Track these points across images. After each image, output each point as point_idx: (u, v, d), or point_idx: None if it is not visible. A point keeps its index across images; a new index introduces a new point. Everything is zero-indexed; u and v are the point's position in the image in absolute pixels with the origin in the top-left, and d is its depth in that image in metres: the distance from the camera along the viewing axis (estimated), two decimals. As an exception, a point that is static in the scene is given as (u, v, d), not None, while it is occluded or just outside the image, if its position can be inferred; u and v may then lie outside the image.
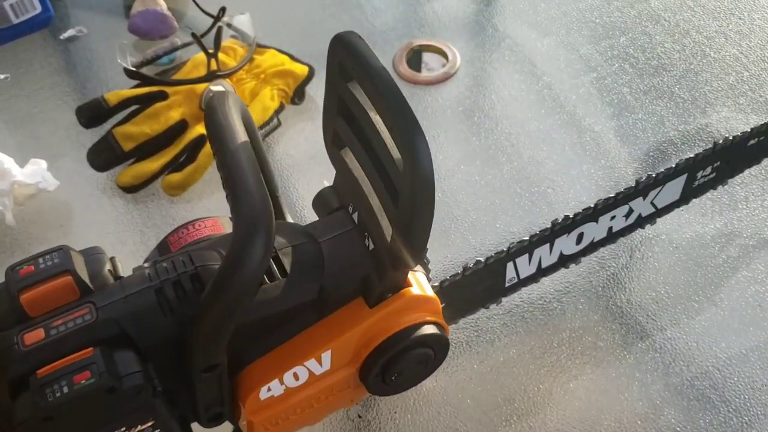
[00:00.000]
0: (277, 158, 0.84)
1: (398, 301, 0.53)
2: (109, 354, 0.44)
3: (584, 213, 0.64)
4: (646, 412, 0.64)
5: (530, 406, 0.65)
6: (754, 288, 0.71)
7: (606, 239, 0.68)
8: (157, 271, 0.49)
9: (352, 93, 0.49)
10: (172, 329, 0.47)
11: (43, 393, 0.42)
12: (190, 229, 0.56)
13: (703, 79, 0.90)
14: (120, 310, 0.46)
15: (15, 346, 0.44)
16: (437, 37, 0.96)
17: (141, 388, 0.44)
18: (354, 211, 0.53)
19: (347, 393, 0.57)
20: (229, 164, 0.44)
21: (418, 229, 0.46)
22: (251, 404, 0.51)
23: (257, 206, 0.42)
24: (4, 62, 0.93)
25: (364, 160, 0.50)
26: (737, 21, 0.97)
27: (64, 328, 0.45)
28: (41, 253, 0.48)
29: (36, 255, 0.47)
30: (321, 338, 0.52)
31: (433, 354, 0.56)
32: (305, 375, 0.53)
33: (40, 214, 0.79)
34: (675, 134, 0.85)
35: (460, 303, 0.63)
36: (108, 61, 0.91)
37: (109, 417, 0.45)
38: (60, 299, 0.46)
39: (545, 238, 0.64)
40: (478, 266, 0.62)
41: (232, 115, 0.47)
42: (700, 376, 0.66)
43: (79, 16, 0.98)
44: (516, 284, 0.66)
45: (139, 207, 0.79)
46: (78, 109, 0.82)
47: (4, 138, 0.86)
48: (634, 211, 0.68)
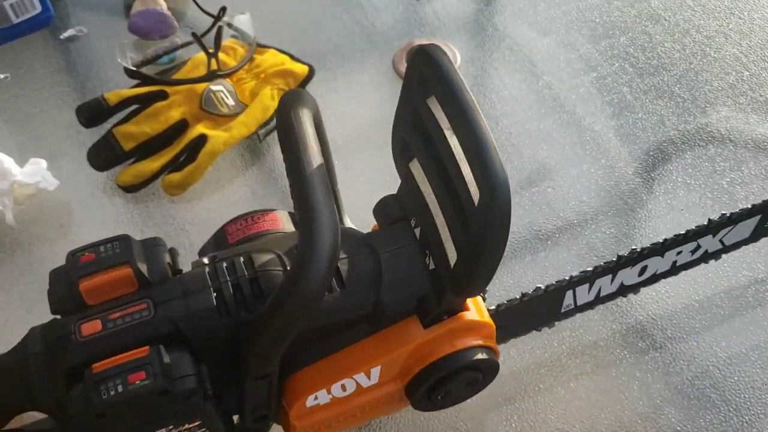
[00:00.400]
0: (277, 158, 0.84)
1: (454, 324, 0.52)
2: (164, 354, 0.44)
3: (652, 247, 0.63)
4: (647, 411, 0.64)
5: (531, 405, 0.65)
6: (754, 287, 0.71)
7: (668, 272, 0.67)
8: (217, 271, 0.48)
9: (429, 108, 0.48)
10: (227, 331, 0.46)
11: (98, 389, 0.42)
12: (249, 222, 0.56)
13: (704, 78, 0.90)
14: (177, 309, 0.46)
15: (72, 336, 0.44)
16: (437, 36, 0.96)
17: (193, 392, 0.44)
18: (417, 225, 0.52)
19: (391, 405, 0.57)
20: (299, 176, 0.43)
21: (485, 263, 0.45)
22: (297, 410, 0.51)
23: (325, 218, 0.41)
24: (4, 62, 0.93)
25: (434, 178, 0.49)
26: (737, 20, 0.97)
27: (121, 322, 0.45)
28: (103, 241, 0.48)
29: (98, 242, 0.48)
30: (372, 353, 0.52)
31: (482, 377, 0.55)
32: (353, 387, 0.52)
33: (40, 213, 0.79)
34: (675, 134, 0.85)
35: (513, 326, 0.63)
36: (108, 61, 0.91)
37: (159, 416, 0.45)
38: (118, 290, 0.46)
39: (609, 269, 0.63)
40: (538, 293, 0.61)
41: (304, 118, 0.46)
42: (701, 375, 0.66)
43: (79, 15, 0.98)
44: (572, 310, 0.65)
45: (139, 206, 0.79)
46: (78, 108, 0.82)
47: (4, 138, 0.86)
48: (701, 248, 0.67)
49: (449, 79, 0.44)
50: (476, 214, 0.43)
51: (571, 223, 0.77)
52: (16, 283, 0.74)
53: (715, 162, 0.82)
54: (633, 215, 0.77)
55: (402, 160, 0.54)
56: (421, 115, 0.49)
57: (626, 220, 0.77)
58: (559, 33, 0.96)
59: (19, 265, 0.75)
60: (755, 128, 0.85)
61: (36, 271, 0.75)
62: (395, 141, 0.54)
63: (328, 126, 0.57)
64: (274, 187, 0.81)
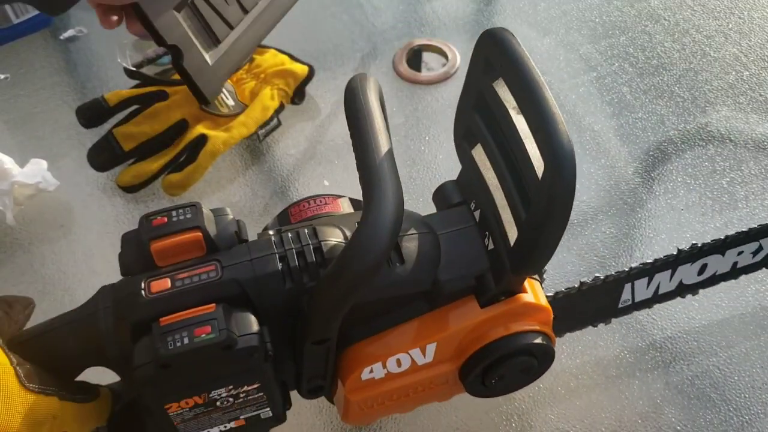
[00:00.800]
0: (277, 158, 0.84)
1: (511, 305, 0.52)
2: (230, 312, 0.45)
3: (712, 244, 0.63)
4: (647, 411, 0.64)
5: (531, 404, 0.65)
6: (754, 287, 0.71)
7: (728, 274, 0.66)
8: (282, 240, 0.49)
9: (495, 91, 0.48)
10: (289, 297, 0.48)
11: (164, 340, 0.43)
12: (311, 204, 0.57)
13: (703, 78, 0.90)
14: (244, 272, 0.47)
15: (142, 292, 0.46)
16: (437, 36, 0.96)
17: (255, 350, 0.45)
18: (476, 208, 0.53)
19: (444, 388, 0.57)
20: (366, 146, 0.44)
21: (546, 240, 0.45)
22: (352, 382, 0.52)
23: (391, 191, 0.43)
24: (5, 62, 0.93)
25: (497, 160, 0.50)
26: (737, 20, 0.97)
27: (189, 282, 0.46)
28: (174, 207, 0.49)
29: (170, 207, 0.49)
30: (429, 330, 0.52)
31: (537, 364, 0.55)
32: (408, 363, 0.53)
33: (40, 214, 0.79)
34: (675, 133, 0.85)
35: (570, 317, 0.62)
36: (108, 61, 0.91)
37: (221, 373, 0.46)
38: (187, 253, 0.48)
39: (668, 264, 0.62)
40: (596, 282, 0.60)
41: (371, 98, 0.47)
42: (701, 375, 0.66)
43: (79, 16, 0.98)
44: (629, 306, 0.64)
45: (139, 207, 0.79)
46: (78, 109, 0.82)
47: (5, 138, 0.86)
48: (763, 249, 0.66)
49: (518, 59, 0.45)
50: (540, 186, 0.43)
51: (571, 223, 0.76)
52: (17, 283, 0.74)
53: (715, 161, 0.82)
54: (633, 215, 0.77)
55: (464, 147, 0.54)
56: (487, 98, 0.49)
57: (626, 219, 0.77)
58: (559, 33, 0.96)
59: (19, 265, 0.75)
60: (755, 128, 0.85)
61: (36, 271, 0.75)
62: (458, 128, 0.55)
63: (328, 127, 0.57)
64: (274, 188, 0.81)
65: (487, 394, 0.57)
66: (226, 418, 0.50)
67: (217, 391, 0.47)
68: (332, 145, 0.85)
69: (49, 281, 0.74)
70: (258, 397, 0.49)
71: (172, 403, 0.46)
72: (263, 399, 0.49)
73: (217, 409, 0.48)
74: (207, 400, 0.47)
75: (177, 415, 0.47)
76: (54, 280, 0.74)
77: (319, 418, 0.65)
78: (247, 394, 0.48)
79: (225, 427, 0.51)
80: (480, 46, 0.49)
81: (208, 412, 0.48)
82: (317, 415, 0.65)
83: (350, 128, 0.47)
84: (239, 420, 0.51)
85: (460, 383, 0.56)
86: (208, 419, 0.49)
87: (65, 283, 0.74)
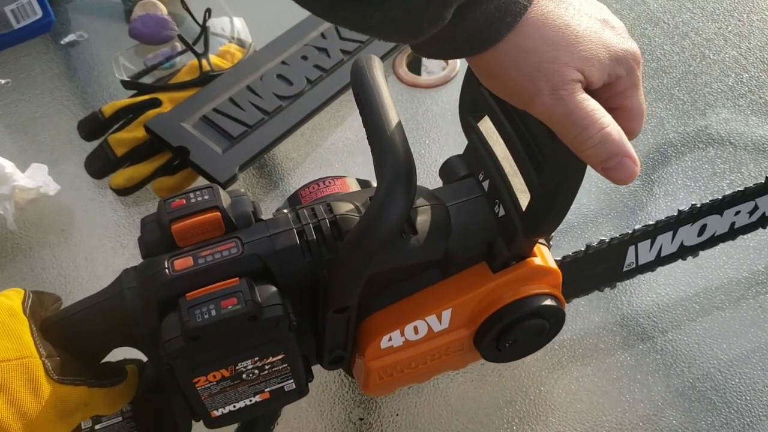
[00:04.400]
0: (278, 161, 0.84)
1: (522, 269, 0.54)
2: (253, 285, 0.46)
3: (711, 204, 0.65)
4: (648, 414, 0.64)
5: (532, 408, 0.65)
6: (755, 289, 0.71)
7: (727, 234, 0.68)
8: (299, 216, 0.51)
9: None
10: (309, 270, 0.49)
11: (192, 314, 0.44)
12: (321, 185, 0.59)
13: (703, 81, 0.90)
14: (264, 247, 0.48)
15: (166, 270, 0.47)
16: (437, 40, 0.96)
17: (279, 320, 0.46)
18: (485, 179, 0.54)
19: (459, 355, 0.58)
20: (376, 119, 0.46)
21: (562, 198, 0.47)
22: (372, 351, 0.53)
23: (402, 160, 0.44)
24: (6, 67, 0.94)
25: (505, 129, 0.51)
26: (736, 23, 0.97)
27: (212, 258, 0.47)
28: (192, 189, 0.51)
29: (188, 190, 0.51)
30: (444, 296, 0.53)
31: (548, 327, 0.57)
32: (425, 330, 0.54)
33: (41, 218, 0.79)
34: (675, 136, 0.85)
35: (577, 281, 0.64)
36: (108, 66, 0.91)
37: (247, 344, 0.47)
38: (207, 233, 0.49)
39: (669, 226, 0.64)
40: (601, 246, 0.62)
41: (378, 75, 0.49)
42: (702, 378, 0.66)
43: (79, 21, 0.99)
44: (633, 270, 0.66)
45: (140, 211, 0.80)
46: (78, 123, 0.83)
47: (5, 143, 0.87)
48: (759, 209, 0.68)
49: None
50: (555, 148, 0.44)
51: (572, 225, 0.77)
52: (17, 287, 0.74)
53: (715, 164, 0.82)
54: (633, 217, 0.77)
55: (470, 121, 0.56)
56: None
57: (626, 222, 0.77)
58: (559, 36, 0.96)
59: (20, 269, 0.75)
60: (755, 130, 0.85)
61: (37, 276, 0.75)
62: (463, 100, 0.56)
63: (328, 130, 0.57)
64: (273, 189, 0.81)
65: (501, 359, 0.59)
66: (251, 392, 0.51)
67: (243, 363, 0.48)
68: (332, 148, 0.85)
69: (50, 285, 0.74)
70: (282, 368, 0.50)
71: (200, 377, 0.47)
72: (287, 370, 0.51)
73: (243, 382, 0.49)
74: (234, 372, 0.48)
75: (204, 389, 0.48)
76: (55, 285, 0.74)
77: (320, 422, 0.65)
78: (272, 366, 0.49)
79: (250, 400, 0.52)
80: None
81: (234, 386, 0.49)
82: (318, 419, 0.65)
83: (359, 104, 0.48)
84: (264, 393, 0.52)
85: (474, 350, 0.57)
86: (234, 393, 0.50)
87: (66, 287, 0.74)
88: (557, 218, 0.48)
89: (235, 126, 0.80)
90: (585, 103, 0.40)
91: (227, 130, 0.80)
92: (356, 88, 0.49)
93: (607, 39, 0.41)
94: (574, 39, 0.39)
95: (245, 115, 0.81)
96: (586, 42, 0.40)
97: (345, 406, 0.65)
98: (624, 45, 0.41)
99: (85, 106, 0.89)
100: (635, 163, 0.41)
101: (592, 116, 0.40)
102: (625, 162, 0.41)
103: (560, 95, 0.39)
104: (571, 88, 0.39)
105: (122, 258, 0.76)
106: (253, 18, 0.95)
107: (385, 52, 0.91)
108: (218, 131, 0.80)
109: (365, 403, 0.65)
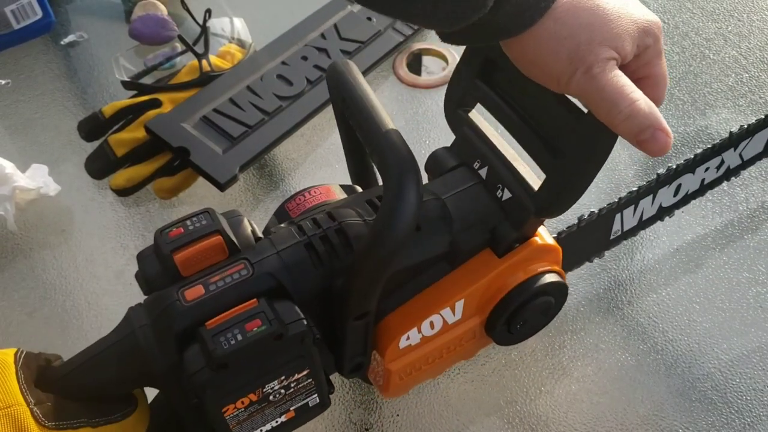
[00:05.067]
0: (278, 161, 0.84)
1: (526, 250, 0.55)
2: (271, 304, 0.45)
3: (685, 164, 0.68)
4: (648, 414, 0.64)
5: (532, 408, 0.65)
6: (755, 289, 0.71)
7: (697, 191, 0.72)
8: (302, 228, 0.50)
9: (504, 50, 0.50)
10: (321, 281, 0.49)
11: (217, 341, 0.43)
12: (307, 196, 0.58)
13: (703, 80, 0.90)
14: (274, 264, 0.48)
15: (177, 302, 0.46)
16: (437, 41, 0.96)
17: (304, 335, 0.46)
18: (482, 166, 0.55)
19: (471, 344, 0.59)
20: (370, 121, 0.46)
21: (584, 177, 0.48)
22: (391, 353, 0.54)
23: (405, 157, 0.44)
24: (6, 68, 0.94)
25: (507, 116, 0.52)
26: (736, 23, 0.97)
27: (223, 284, 0.47)
28: (187, 216, 0.49)
29: (183, 218, 0.49)
30: (455, 287, 0.54)
31: (554, 302, 0.58)
32: (440, 323, 0.55)
33: (41, 219, 0.79)
34: (675, 136, 0.84)
35: (571, 255, 0.64)
36: (109, 67, 0.91)
37: (274, 364, 0.47)
38: (210, 258, 0.48)
39: (650, 189, 0.67)
40: (592, 218, 0.64)
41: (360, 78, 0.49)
42: (702, 378, 0.66)
43: (79, 21, 0.99)
44: (618, 237, 0.68)
45: (140, 211, 0.80)
46: (78, 124, 0.83)
47: (6, 143, 0.87)
48: (724, 163, 0.71)
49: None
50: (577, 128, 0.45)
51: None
52: (18, 288, 0.74)
53: (715, 164, 0.82)
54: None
55: (459, 115, 0.57)
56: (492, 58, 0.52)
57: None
58: (559, 36, 0.96)
59: (20, 270, 0.75)
60: (755, 130, 0.85)
61: (37, 276, 0.75)
62: (451, 98, 0.57)
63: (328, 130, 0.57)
64: (275, 190, 0.81)
65: (514, 341, 0.60)
66: (277, 412, 0.50)
67: (270, 385, 0.48)
68: (332, 148, 0.85)
69: (50, 286, 0.74)
70: (307, 384, 0.50)
71: (228, 405, 0.47)
72: (311, 385, 0.50)
73: (270, 404, 0.49)
74: (261, 396, 0.48)
75: (233, 418, 0.48)
76: (55, 285, 0.74)
77: (321, 423, 0.65)
78: (297, 383, 0.49)
79: (276, 422, 0.51)
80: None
81: (261, 409, 0.49)
82: (319, 420, 0.65)
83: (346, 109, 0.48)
84: (289, 412, 0.51)
85: (485, 336, 0.58)
86: (261, 416, 0.50)
87: (66, 287, 0.74)
88: (575, 197, 0.49)
89: (235, 126, 0.80)
90: (615, 80, 0.41)
91: (227, 130, 0.80)
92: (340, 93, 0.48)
93: (633, 13, 0.42)
94: (605, 18, 0.41)
95: (245, 116, 0.81)
96: (616, 19, 0.41)
97: (345, 407, 0.65)
98: (648, 16, 0.43)
99: (86, 107, 0.89)
100: (668, 135, 0.42)
101: (622, 91, 0.41)
102: (657, 134, 0.42)
103: (594, 74, 0.41)
104: (604, 67, 0.41)
105: (122, 259, 0.76)
106: (253, 18, 0.95)
107: (384, 53, 0.91)
108: (218, 132, 0.80)
109: (366, 403, 0.65)
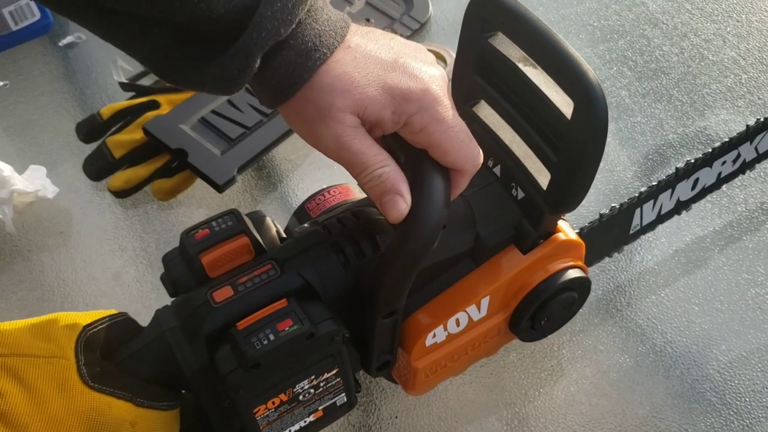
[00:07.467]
0: (276, 163, 0.84)
1: (550, 246, 0.55)
2: (301, 304, 0.46)
3: (703, 158, 0.68)
4: (647, 415, 0.64)
5: (531, 409, 0.65)
6: (754, 290, 0.71)
7: (714, 185, 0.72)
8: (327, 228, 0.50)
9: (494, 47, 0.49)
10: (348, 280, 0.49)
11: (249, 342, 0.43)
12: (326, 196, 0.59)
13: (702, 81, 0.90)
14: (302, 264, 0.48)
15: (207, 304, 0.46)
16: (435, 41, 0.96)
17: (334, 334, 0.46)
18: (495, 164, 0.55)
19: (495, 341, 0.59)
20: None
21: (584, 174, 0.47)
22: (418, 350, 0.54)
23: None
24: (4, 69, 0.93)
25: (509, 114, 0.51)
26: (735, 24, 0.97)
27: (251, 284, 0.47)
28: (213, 218, 0.50)
29: (208, 219, 0.50)
30: (481, 284, 0.54)
31: (578, 297, 0.59)
32: (465, 321, 0.55)
33: (39, 221, 0.79)
34: (674, 137, 0.85)
35: (592, 251, 0.64)
36: (107, 68, 0.91)
37: (305, 364, 0.47)
38: (237, 259, 0.48)
39: (670, 183, 0.67)
40: (613, 212, 0.64)
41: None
42: (701, 379, 0.66)
43: (78, 22, 0.98)
44: (638, 231, 0.69)
45: (138, 213, 0.79)
46: (77, 125, 0.83)
47: (4, 145, 0.86)
48: (740, 156, 0.72)
49: (518, 11, 0.46)
50: (571, 125, 0.45)
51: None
52: (16, 291, 0.74)
53: (714, 165, 0.82)
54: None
55: (465, 110, 0.56)
56: (486, 55, 0.51)
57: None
58: (558, 37, 0.96)
59: (18, 272, 0.75)
60: (754, 131, 0.85)
61: (36, 279, 0.75)
62: (457, 90, 0.56)
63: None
64: (273, 192, 0.81)
65: (537, 337, 0.60)
66: (306, 412, 0.51)
67: (301, 384, 0.48)
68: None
69: (48, 288, 0.74)
70: (336, 383, 0.50)
71: (260, 406, 0.47)
72: (340, 384, 0.51)
73: (300, 403, 0.49)
74: (291, 395, 0.48)
75: (263, 418, 0.48)
76: (53, 287, 0.74)
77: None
78: (326, 382, 0.49)
79: (305, 421, 0.51)
80: (473, 7, 0.50)
81: (291, 409, 0.49)
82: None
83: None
84: (318, 412, 0.51)
85: (508, 333, 0.58)
86: (290, 416, 0.50)
87: (64, 290, 0.74)
88: (581, 193, 0.49)
89: (233, 128, 0.80)
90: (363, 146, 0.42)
91: (225, 132, 0.80)
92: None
93: (388, 79, 0.41)
94: (349, 85, 0.41)
95: (243, 117, 0.81)
96: (362, 86, 0.41)
97: (344, 409, 0.65)
98: (409, 83, 0.42)
99: (84, 108, 0.89)
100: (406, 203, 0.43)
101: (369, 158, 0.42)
102: (396, 199, 0.43)
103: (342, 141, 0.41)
104: (351, 132, 0.41)
105: (120, 260, 0.76)
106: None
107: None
108: (216, 133, 0.80)
109: (364, 405, 0.65)
